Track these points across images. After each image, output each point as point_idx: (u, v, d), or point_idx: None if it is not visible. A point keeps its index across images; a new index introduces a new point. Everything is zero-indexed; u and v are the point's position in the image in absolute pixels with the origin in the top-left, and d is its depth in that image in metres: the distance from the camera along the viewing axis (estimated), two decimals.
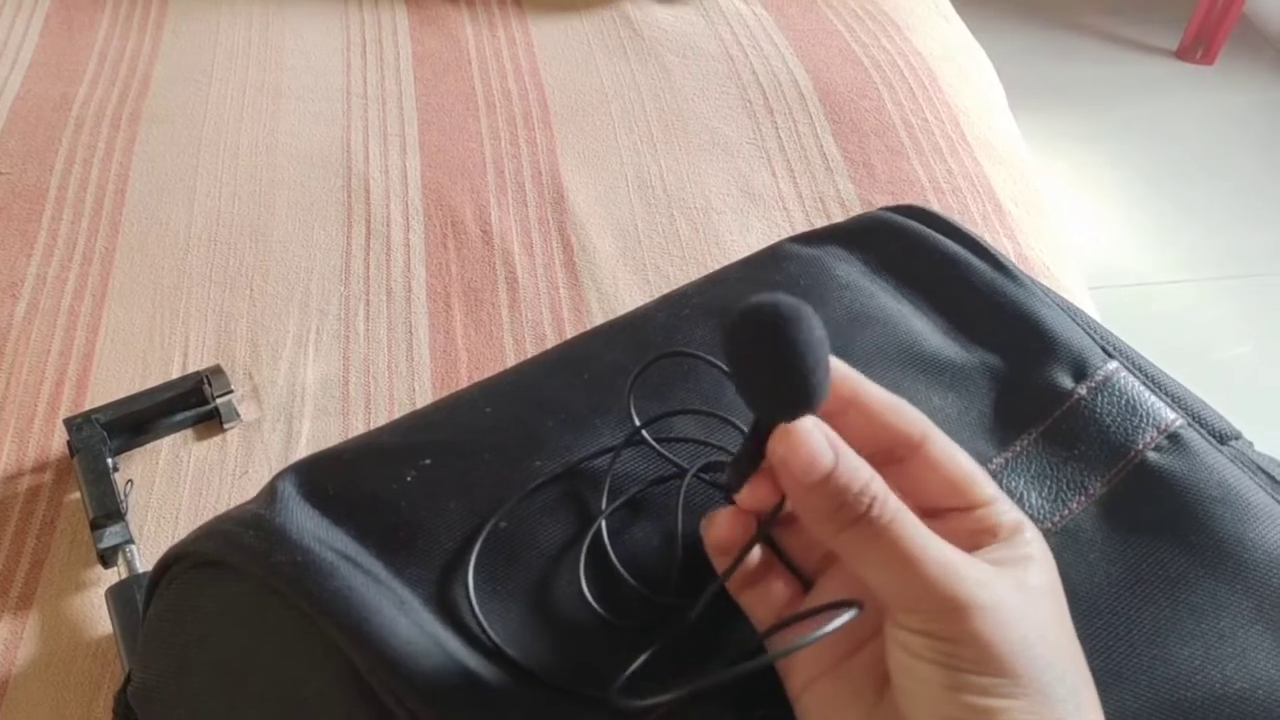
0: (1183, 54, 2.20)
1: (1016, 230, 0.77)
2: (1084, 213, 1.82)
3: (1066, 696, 0.28)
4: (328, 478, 0.37)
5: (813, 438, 0.29)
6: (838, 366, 0.32)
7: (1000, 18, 2.26)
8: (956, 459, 0.32)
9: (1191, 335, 1.59)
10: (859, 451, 0.30)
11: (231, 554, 0.35)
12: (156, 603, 0.39)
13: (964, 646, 0.27)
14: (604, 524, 0.35)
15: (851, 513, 0.29)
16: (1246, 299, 1.66)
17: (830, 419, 0.31)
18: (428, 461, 0.36)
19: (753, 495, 0.31)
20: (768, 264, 0.45)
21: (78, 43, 0.91)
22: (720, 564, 0.33)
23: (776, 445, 0.29)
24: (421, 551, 0.34)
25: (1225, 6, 2.11)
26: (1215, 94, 2.11)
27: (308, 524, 0.35)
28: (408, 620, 0.32)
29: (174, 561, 0.38)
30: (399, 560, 0.33)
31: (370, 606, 0.32)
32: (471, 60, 0.91)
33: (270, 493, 0.37)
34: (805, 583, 0.34)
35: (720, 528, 0.33)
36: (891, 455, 0.32)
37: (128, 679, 0.40)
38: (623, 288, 0.72)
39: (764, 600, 0.33)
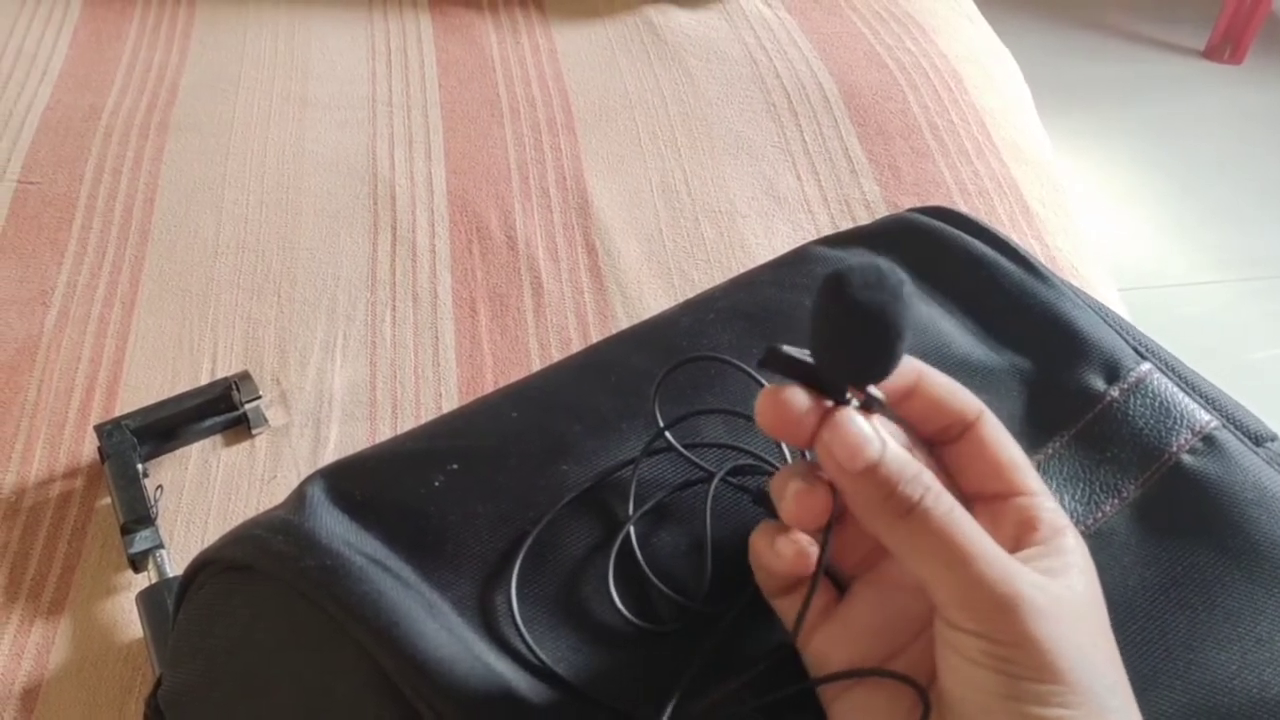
0: (1210, 53, 2.18)
1: (1044, 231, 0.76)
2: (1110, 213, 1.80)
3: (1119, 708, 0.27)
4: (355, 483, 0.37)
5: (857, 424, 0.29)
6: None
7: (1024, 17, 2.24)
8: (1006, 443, 0.31)
9: (1220, 337, 1.58)
10: (917, 433, 0.30)
11: (261, 559, 0.35)
12: (186, 607, 0.39)
13: (1021, 651, 0.26)
14: (632, 530, 0.35)
15: (904, 503, 0.28)
16: (1276, 301, 1.64)
17: (895, 405, 0.31)
18: (455, 466, 0.36)
19: (801, 505, 0.30)
20: (794, 267, 0.45)
21: (106, 54, 0.92)
22: (761, 577, 0.32)
23: (823, 431, 0.29)
24: (450, 556, 0.34)
25: (1253, 6, 2.09)
26: (1243, 93, 2.09)
27: (336, 528, 0.35)
28: (437, 624, 0.32)
29: (203, 566, 0.38)
30: (428, 564, 0.33)
31: (400, 610, 0.32)
32: (495, 67, 0.91)
33: (299, 498, 0.37)
34: (840, 585, 0.33)
35: (774, 557, 0.32)
36: (944, 436, 0.32)
37: (158, 683, 0.41)
38: (647, 293, 0.72)
39: (799, 605, 0.32)
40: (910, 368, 0.32)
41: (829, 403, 0.29)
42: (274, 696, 0.35)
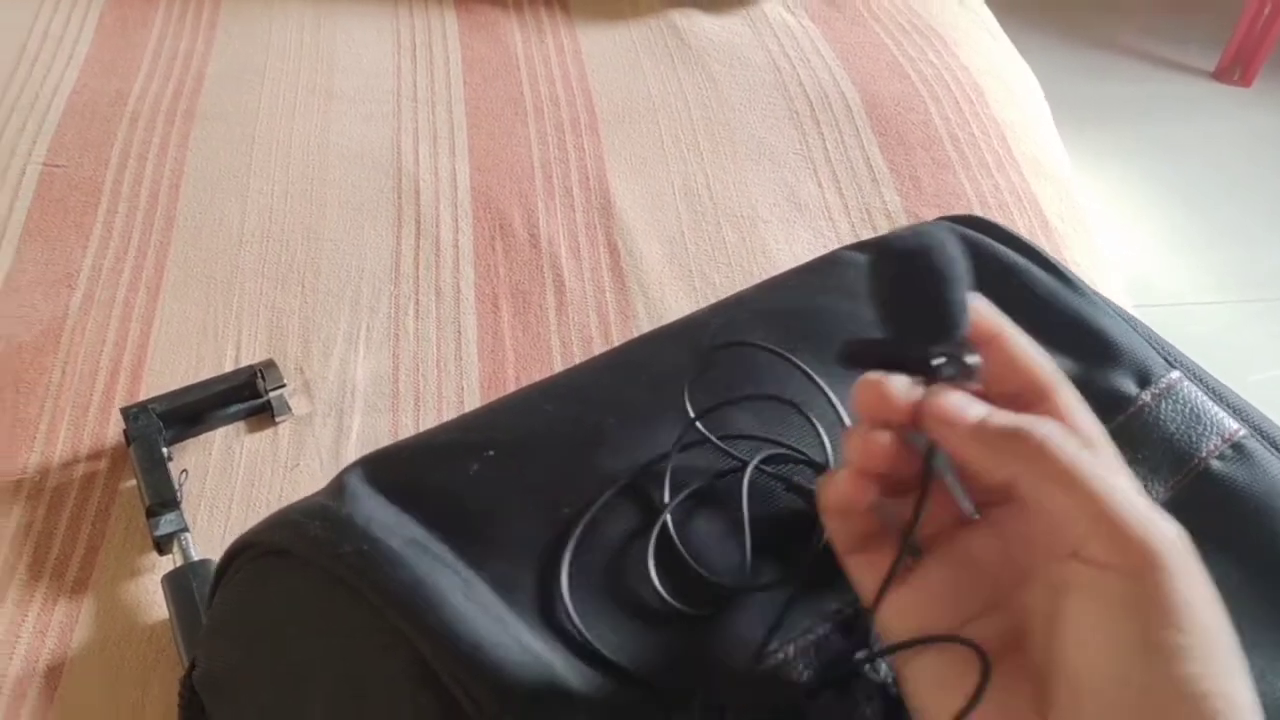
0: (1220, 75, 2.19)
1: (1063, 246, 0.77)
2: (1120, 230, 1.81)
3: (1238, 669, 0.26)
4: (394, 470, 0.38)
5: (955, 393, 0.29)
6: (980, 304, 0.32)
7: (1038, 34, 2.25)
8: (1083, 415, 0.31)
9: (1229, 356, 1.58)
10: (990, 393, 0.30)
11: (298, 544, 0.36)
12: (223, 591, 0.40)
13: (1161, 594, 0.25)
14: (669, 517, 0.35)
15: (1028, 441, 0.28)
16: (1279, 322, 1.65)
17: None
18: (491, 454, 0.37)
19: (865, 447, 0.30)
20: (825, 270, 0.45)
21: (132, 40, 0.93)
22: (832, 525, 0.32)
23: (927, 403, 0.29)
24: (488, 538, 0.34)
25: (1263, 30, 2.10)
26: (1251, 115, 2.10)
27: (375, 514, 0.35)
28: (473, 604, 0.33)
29: (241, 551, 0.39)
30: (465, 545, 0.34)
31: (438, 595, 0.32)
32: (520, 66, 0.92)
33: (337, 485, 0.38)
34: (912, 549, 0.32)
35: (838, 486, 0.31)
36: (1018, 402, 0.31)
37: (193, 665, 0.41)
38: (669, 294, 0.73)
39: (872, 568, 0.31)
40: (991, 323, 0.32)
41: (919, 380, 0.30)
42: (311, 681, 0.35)
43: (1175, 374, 0.40)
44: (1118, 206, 1.86)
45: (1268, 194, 1.91)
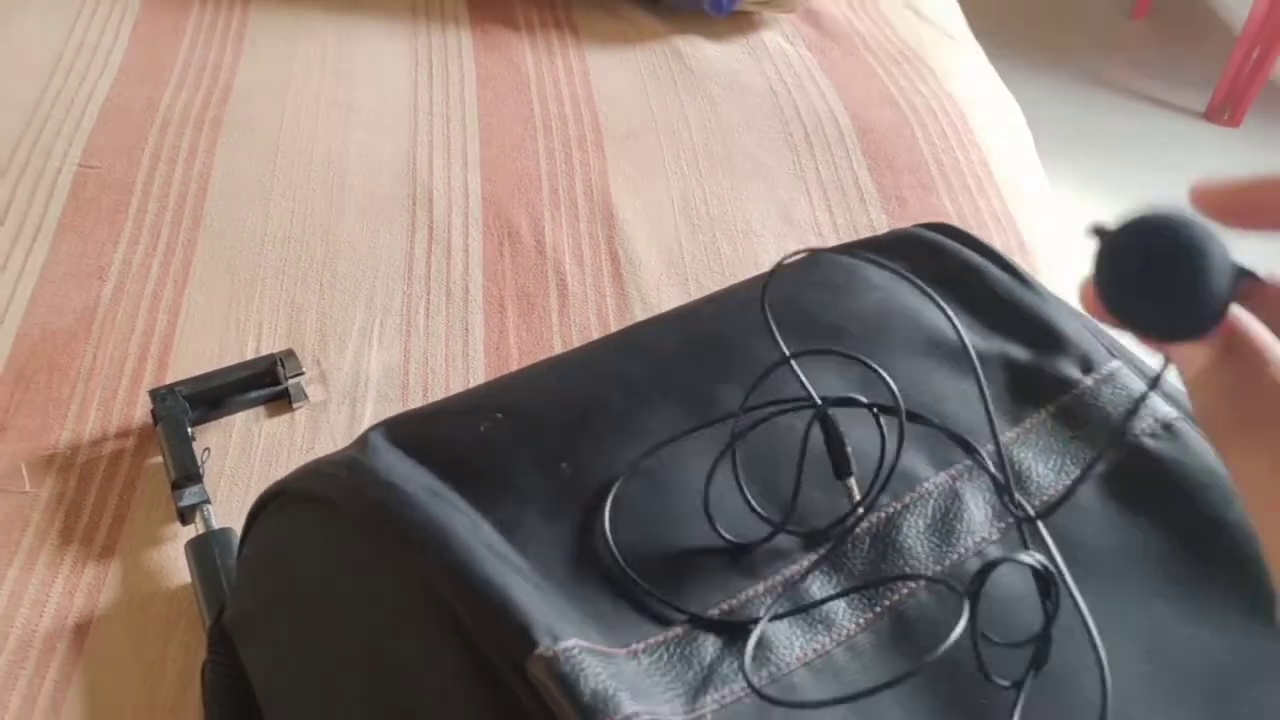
0: (1210, 115, 2.24)
1: (1040, 265, 0.81)
2: None
3: None
4: (412, 429, 0.42)
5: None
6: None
7: (1032, 71, 2.31)
8: None
9: None
10: None
11: (328, 489, 0.40)
12: (253, 537, 0.44)
13: None
14: (734, 449, 0.39)
15: None
16: None
17: None
18: (500, 416, 0.41)
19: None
20: (806, 268, 0.50)
21: (163, 50, 0.98)
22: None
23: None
24: (494, 489, 0.39)
25: (1252, 72, 2.16)
26: (1241, 155, 2.16)
27: (395, 464, 0.40)
28: (481, 546, 0.37)
29: (272, 498, 0.43)
30: (474, 493, 0.38)
31: (450, 534, 0.37)
32: (531, 85, 0.97)
33: (362, 440, 0.42)
34: None
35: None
36: None
37: (222, 609, 0.45)
38: (666, 300, 0.77)
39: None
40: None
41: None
42: (334, 609, 0.39)
43: (1117, 363, 0.45)
44: None
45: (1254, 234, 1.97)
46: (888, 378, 0.39)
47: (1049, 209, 0.90)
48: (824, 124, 0.94)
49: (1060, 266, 0.83)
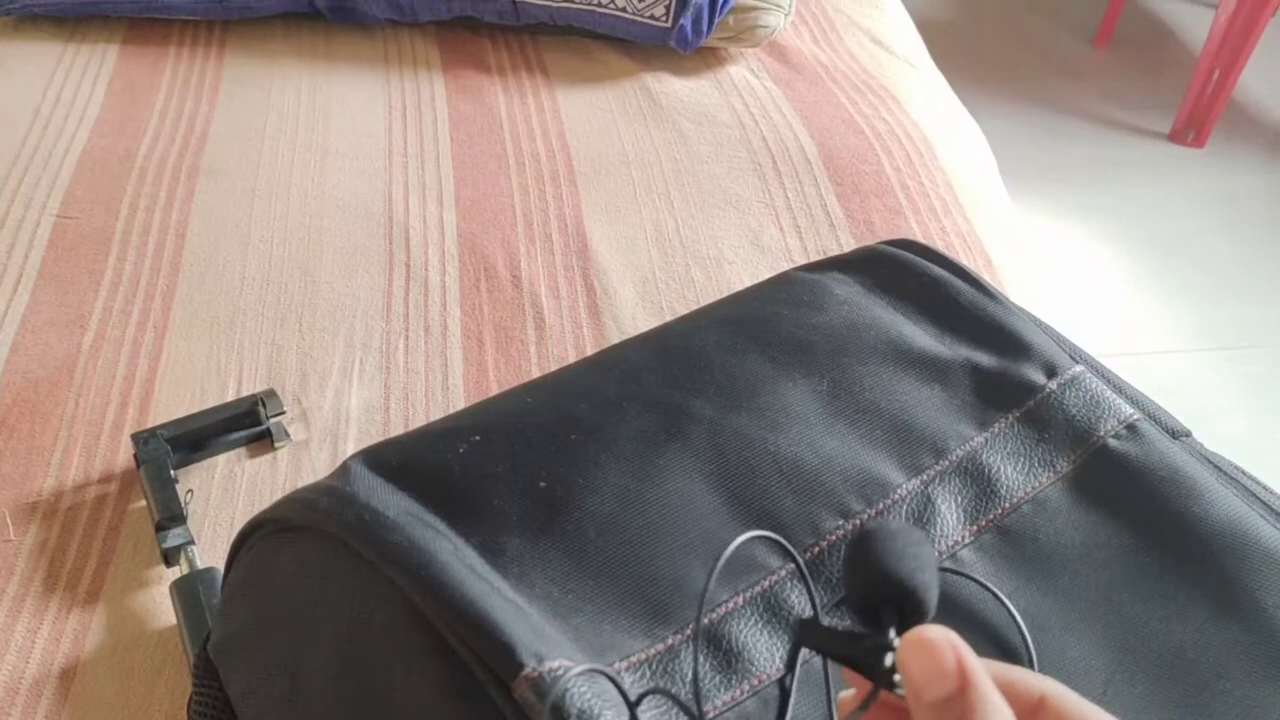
0: (1174, 137, 2.28)
1: (1006, 282, 0.83)
2: (1078, 285, 1.89)
3: None
4: (391, 455, 0.43)
5: (939, 647, 0.25)
6: (1024, 674, 0.28)
7: (996, 100, 2.35)
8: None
9: (1187, 400, 1.65)
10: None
11: (307, 516, 0.41)
12: (237, 566, 0.44)
13: None
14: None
15: None
16: (1230, 373, 1.73)
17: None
18: (477, 438, 0.42)
19: None
20: (775, 286, 0.51)
21: (140, 102, 0.99)
22: None
23: (904, 652, 0.26)
24: (475, 509, 0.39)
25: (1214, 94, 2.20)
26: (1205, 176, 2.20)
27: (375, 490, 0.40)
28: (462, 567, 0.37)
29: (255, 529, 0.43)
30: (455, 516, 0.39)
31: (430, 555, 0.37)
32: (503, 125, 0.99)
33: (343, 469, 0.43)
34: None
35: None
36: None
37: (207, 637, 0.46)
38: (641, 327, 0.78)
39: None
40: (1036, 682, 0.28)
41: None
42: (318, 632, 0.40)
43: (1079, 368, 0.46)
44: (1075, 263, 1.94)
45: (1221, 250, 2.00)
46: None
47: (1014, 228, 0.92)
48: (791, 153, 0.96)
49: (1027, 281, 0.85)
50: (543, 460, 0.41)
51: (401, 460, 0.42)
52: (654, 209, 0.90)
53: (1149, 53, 2.60)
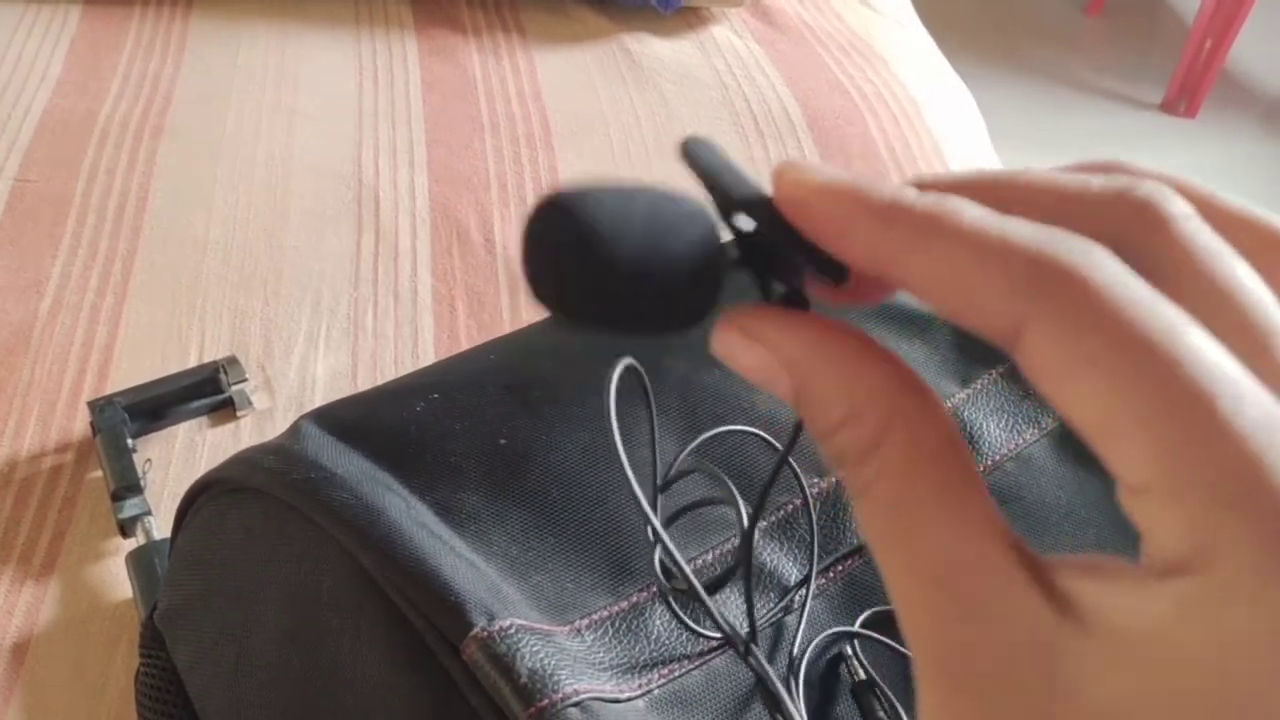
0: (1167, 107, 2.26)
1: None
2: None
3: None
4: (345, 414, 0.41)
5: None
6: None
7: (986, 70, 2.33)
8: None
9: None
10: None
11: (254, 476, 0.38)
12: (184, 531, 0.42)
13: None
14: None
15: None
16: None
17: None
18: (436, 395, 0.40)
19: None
20: None
21: (103, 63, 0.96)
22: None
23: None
24: (431, 468, 0.37)
25: (1206, 63, 2.18)
26: (1197, 145, 2.18)
27: (325, 447, 0.38)
28: (414, 525, 0.35)
29: (201, 491, 0.41)
30: (408, 473, 0.37)
31: (376, 510, 0.35)
32: (478, 86, 0.96)
33: (294, 428, 0.40)
34: None
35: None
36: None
37: (154, 607, 0.43)
38: None
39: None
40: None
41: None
42: (266, 599, 0.38)
43: None
44: None
45: None
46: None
47: None
48: (774, 114, 0.93)
49: None
50: (504, 418, 0.38)
51: (355, 418, 0.40)
52: (632, 169, 0.87)
53: (1141, 21, 2.58)
